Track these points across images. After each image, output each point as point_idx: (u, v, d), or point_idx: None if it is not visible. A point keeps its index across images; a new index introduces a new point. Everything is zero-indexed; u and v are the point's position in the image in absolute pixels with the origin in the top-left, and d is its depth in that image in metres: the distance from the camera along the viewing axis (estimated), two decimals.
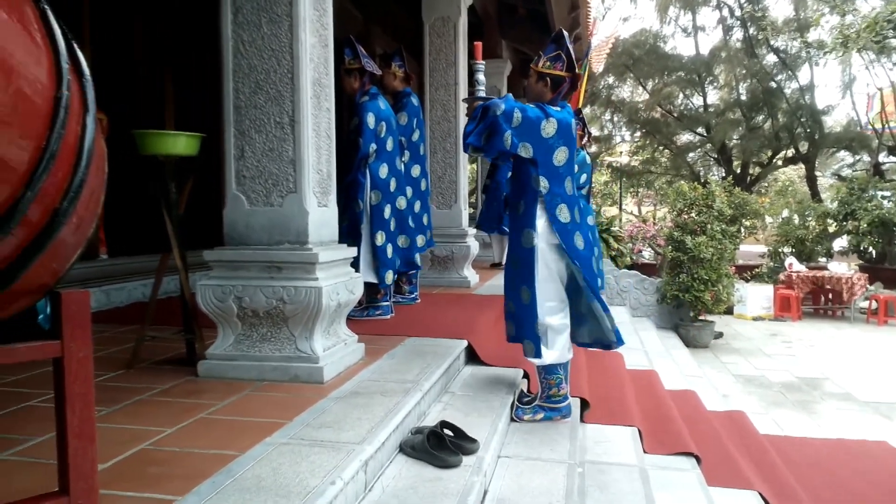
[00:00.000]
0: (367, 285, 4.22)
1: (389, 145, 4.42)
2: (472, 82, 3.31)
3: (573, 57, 3.12)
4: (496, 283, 6.56)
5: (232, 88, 2.99)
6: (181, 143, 3.02)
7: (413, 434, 2.55)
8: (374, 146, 4.28)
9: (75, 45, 1.31)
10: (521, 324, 3.14)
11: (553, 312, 3.09)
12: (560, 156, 3.04)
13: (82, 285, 4.45)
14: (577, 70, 3.15)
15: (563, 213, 3.02)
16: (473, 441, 2.54)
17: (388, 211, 4.39)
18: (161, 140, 2.99)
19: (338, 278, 3.02)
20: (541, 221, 3.02)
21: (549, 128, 3.00)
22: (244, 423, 2.34)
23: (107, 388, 2.76)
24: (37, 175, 1.15)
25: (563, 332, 3.13)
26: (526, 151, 2.98)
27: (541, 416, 3.18)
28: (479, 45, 3.34)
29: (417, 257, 4.90)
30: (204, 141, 3.14)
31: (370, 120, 4.24)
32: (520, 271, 3.10)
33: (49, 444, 2.02)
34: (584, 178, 4.99)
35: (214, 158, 3.89)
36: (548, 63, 3.11)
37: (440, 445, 2.43)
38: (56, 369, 1.31)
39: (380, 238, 4.34)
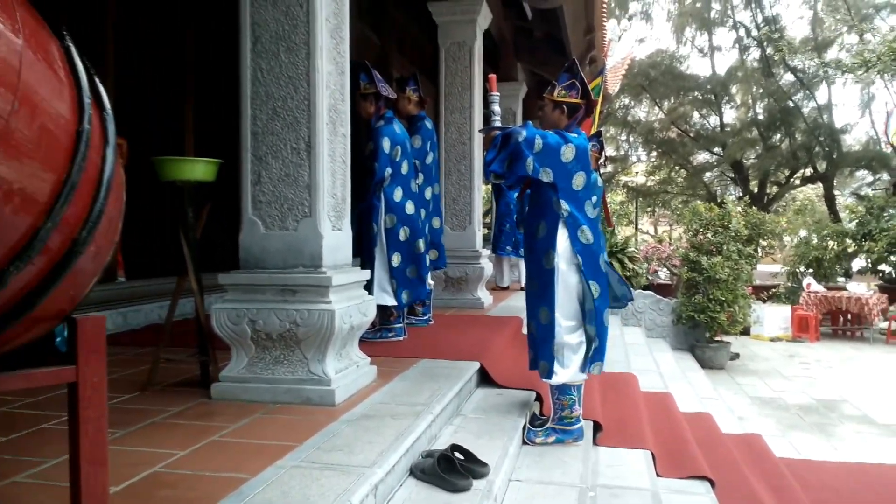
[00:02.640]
0: (380, 307, 4.25)
1: (404, 169, 4.47)
2: (487, 113, 3.36)
3: (587, 84, 3.24)
4: (510, 304, 6.57)
5: (249, 115, 3.04)
6: (199, 169, 3.08)
7: (424, 457, 2.56)
8: (389, 170, 4.32)
9: (97, 80, 1.36)
10: (540, 344, 3.17)
11: (570, 331, 3.11)
12: (578, 180, 3.11)
13: (100, 307, 4.52)
14: (591, 97, 3.24)
15: (586, 235, 3.09)
16: (484, 465, 2.54)
17: (402, 234, 4.42)
18: (180, 166, 3.05)
19: (351, 301, 3.04)
20: (562, 243, 3.07)
21: (568, 153, 3.07)
22: (256, 446, 2.36)
23: (121, 411, 2.80)
24: (57, 206, 1.19)
25: (579, 352, 3.13)
26: (547, 176, 3.05)
27: (553, 438, 3.17)
28: (493, 77, 3.42)
29: (430, 279, 4.92)
30: (221, 166, 3.20)
31: (385, 144, 4.30)
32: (539, 292, 3.14)
33: (63, 467, 2.04)
34: (594, 199, 5.01)
35: (231, 183, 3.96)
36: (563, 92, 3.22)
37: (451, 469, 2.43)
38: (70, 394, 1.34)
39: (396, 260, 4.37)
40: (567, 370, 3.10)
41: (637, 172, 24.28)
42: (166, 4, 5.65)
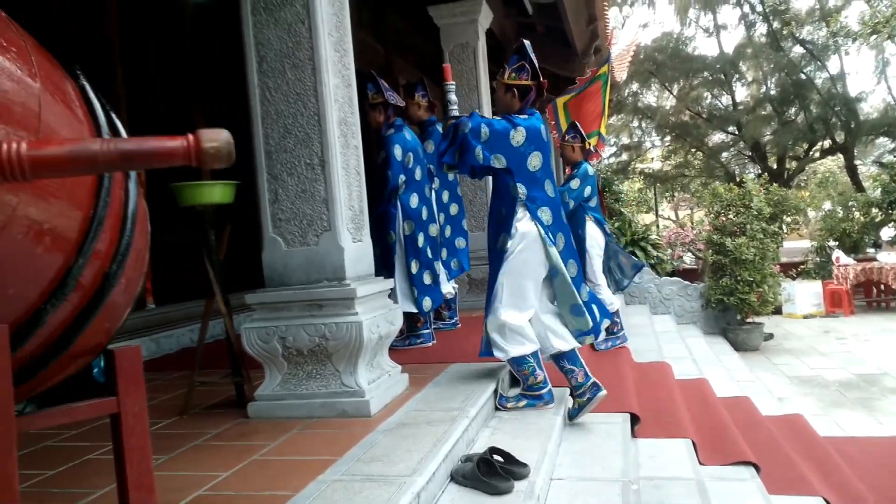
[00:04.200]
0: (406, 314, 4.25)
1: (418, 175, 4.48)
2: (445, 103, 3.40)
3: (536, 66, 3.29)
4: None
5: (262, 134, 3.07)
6: (217, 192, 3.11)
7: (463, 462, 2.56)
8: (402, 177, 4.34)
9: (113, 115, 1.38)
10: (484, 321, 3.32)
11: (510, 309, 3.19)
12: (534, 161, 3.19)
13: (133, 335, 4.58)
14: (541, 78, 3.29)
15: (545, 216, 3.18)
16: (524, 465, 2.53)
17: (421, 239, 4.42)
18: (198, 191, 3.09)
19: (377, 311, 3.05)
20: (521, 225, 3.15)
21: (518, 136, 3.15)
22: (296, 463, 2.38)
23: (162, 436, 2.83)
24: (87, 242, 1.21)
25: (522, 331, 3.20)
26: (499, 162, 3.14)
27: (523, 403, 3.29)
28: (447, 67, 3.51)
29: (453, 283, 4.92)
30: (238, 186, 3.22)
31: (397, 152, 4.32)
32: (491, 273, 3.27)
33: (111, 496, 2.08)
34: (588, 190, 5.04)
35: (249, 202, 3.99)
36: (513, 74, 3.30)
37: (491, 472, 2.42)
38: (113, 424, 1.35)
39: (415, 266, 4.38)
40: (513, 347, 3.21)
41: (653, 158, 24.09)
42: (171, 26, 5.72)
